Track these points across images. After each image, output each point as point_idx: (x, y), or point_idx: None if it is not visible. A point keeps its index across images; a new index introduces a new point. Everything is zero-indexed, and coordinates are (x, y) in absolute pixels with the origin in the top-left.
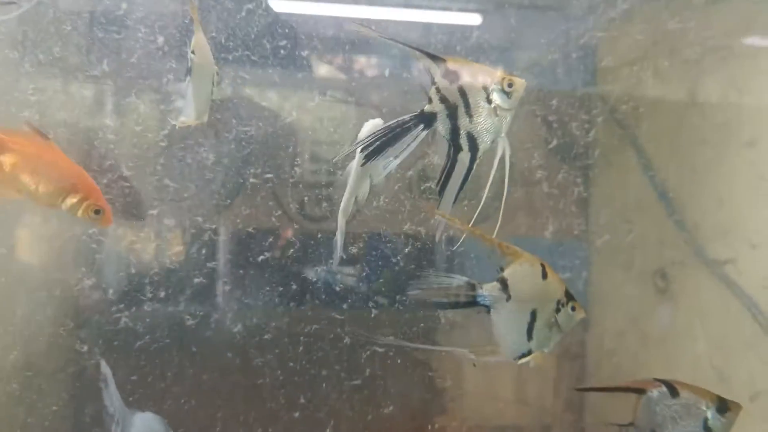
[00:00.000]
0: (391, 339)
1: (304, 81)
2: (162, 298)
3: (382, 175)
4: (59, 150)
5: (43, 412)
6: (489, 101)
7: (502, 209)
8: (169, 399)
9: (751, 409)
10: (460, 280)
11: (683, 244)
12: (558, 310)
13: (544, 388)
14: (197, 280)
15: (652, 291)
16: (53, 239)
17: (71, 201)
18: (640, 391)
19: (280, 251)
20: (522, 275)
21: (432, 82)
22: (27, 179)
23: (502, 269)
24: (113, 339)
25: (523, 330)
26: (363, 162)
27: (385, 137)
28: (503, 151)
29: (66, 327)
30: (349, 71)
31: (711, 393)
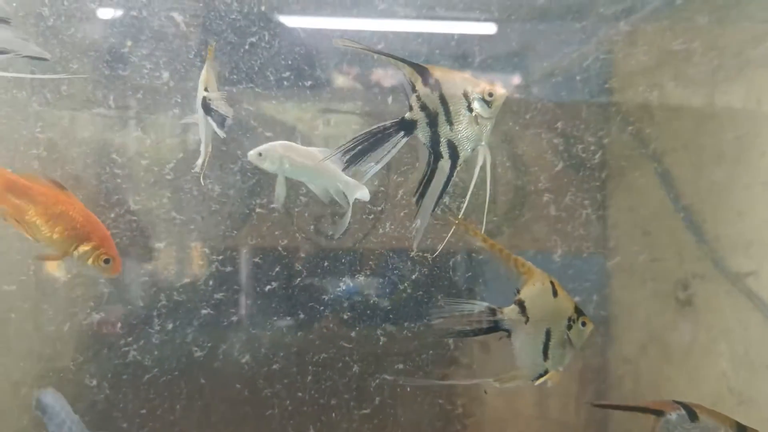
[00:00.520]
0: (421, 380)
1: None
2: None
3: (365, 179)
4: (75, 198)
5: None
6: (470, 109)
7: (485, 218)
8: None
9: None
10: (480, 305)
11: (704, 257)
12: (570, 326)
13: (566, 403)
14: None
15: (673, 305)
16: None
17: (84, 249)
18: (658, 413)
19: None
20: (536, 295)
21: (413, 90)
22: (44, 227)
23: (518, 291)
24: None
25: (540, 350)
26: (345, 166)
27: (366, 142)
28: (484, 159)
29: (75, 361)
30: (363, 88)
31: (730, 419)
